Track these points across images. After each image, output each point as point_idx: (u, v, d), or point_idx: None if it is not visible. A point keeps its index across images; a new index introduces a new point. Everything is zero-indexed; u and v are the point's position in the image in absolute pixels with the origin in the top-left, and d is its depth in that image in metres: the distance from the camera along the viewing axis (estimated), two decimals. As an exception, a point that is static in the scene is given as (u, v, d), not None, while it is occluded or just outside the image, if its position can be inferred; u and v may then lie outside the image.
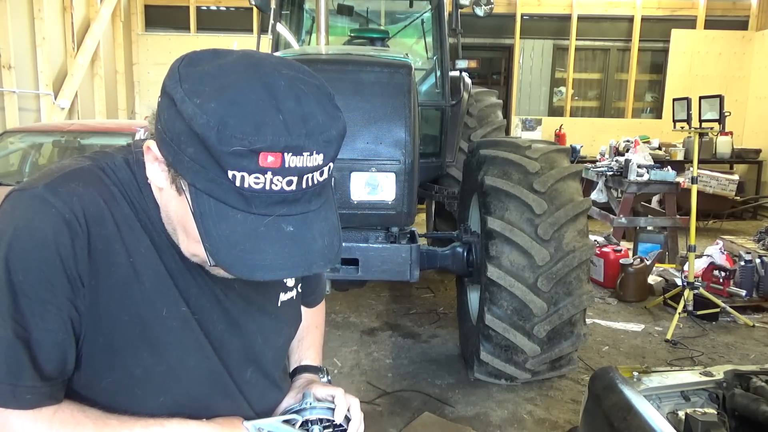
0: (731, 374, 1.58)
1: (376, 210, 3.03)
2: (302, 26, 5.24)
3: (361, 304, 4.74)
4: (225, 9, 9.81)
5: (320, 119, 0.74)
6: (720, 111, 4.25)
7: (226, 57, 0.77)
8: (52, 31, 7.27)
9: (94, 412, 0.83)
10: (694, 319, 4.43)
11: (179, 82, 0.73)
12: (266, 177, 0.71)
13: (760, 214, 8.83)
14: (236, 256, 0.74)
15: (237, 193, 0.72)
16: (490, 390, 3.31)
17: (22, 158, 5.21)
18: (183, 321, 0.87)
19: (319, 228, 0.79)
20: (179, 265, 0.88)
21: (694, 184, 4.47)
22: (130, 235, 0.84)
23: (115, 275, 0.82)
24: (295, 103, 0.73)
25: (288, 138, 0.70)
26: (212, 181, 0.72)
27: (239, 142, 0.69)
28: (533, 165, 3.17)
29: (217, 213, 0.74)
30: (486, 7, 4.40)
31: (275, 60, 0.79)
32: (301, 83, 0.76)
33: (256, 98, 0.71)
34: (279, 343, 1.06)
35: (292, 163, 0.71)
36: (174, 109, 0.72)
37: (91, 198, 0.82)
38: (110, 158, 0.89)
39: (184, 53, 0.80)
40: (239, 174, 0.71)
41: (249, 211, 0.74)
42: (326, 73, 3.00)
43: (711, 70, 9.43)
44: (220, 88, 0.71)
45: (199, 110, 0.70)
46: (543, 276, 2.98)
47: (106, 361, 0.84)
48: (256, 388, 1.00)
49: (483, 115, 4.96)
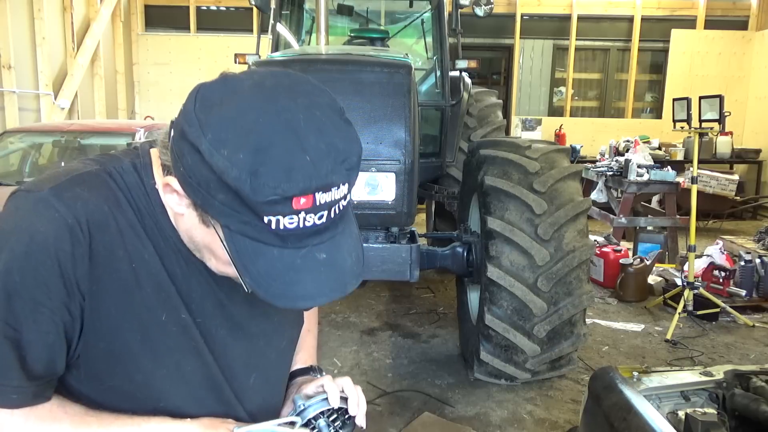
0: (731, 374, 1.58)
1: (376, 210, 3.03)
2: (302, 26, 5.24)
3: (361, 304, 4.74)
4: (225, 9, 9.81)
5: (340, 147, 0.75)
6: (720, 111, 4.25)
7: (239, 90, 0.76)
8: (52, 31, 7.27)
9: (74, 409, 0.83)
10: (694, 319, 4.42)
11: (201, 131, 0.73)
12: (299, 216, 0.73)
13: (760, 214, 8.83)
14: (277, 288, 0.77)
15: (271, 233, 0.74)
16: (490, 390, 3.31)
17: (22, 158, 5.21)
18: (182, 327, 0.88)
19: (346, 246, 0.82)
20: (184, 269, 0.88)
21: (694, 184, 4.47)
22: (133, 242, 0.84)
23: (117, 282, 0.83)
24: (316, 137, 0.74)
25: (317, 180, 0.72)
26: (246, 224, 0.74)
27: (273, 191, 0.70)
28: (533, 165, 3.17)
29: (253, 251, 0.76)
30: (486, 7, 4.40)
31: (286, 83, 0.79)
32: (316, 109, 0.77)
33: (281, 140, 0.72)
34: (282, 344, 1.06)
35: (322, 200, 0.73)
36: (200, 158, 0.73)
37: (96, 204, 0.82)
38: (118, 162, 0.89)
39: (194, 87, 0.79)
40: (274, 218, 0.73)
41: (284, 246, 0.76)
42: (326, 73, 3.00)
43: (711, 70, 9.43)
44: (245, 134, 0.72)
45: (229, 163, 0.70)
46: (543, 276, 2.99)
47: (107, 367, 0.85)
48: (259, 393, 1.00)
49: (483, 115, 4.96)
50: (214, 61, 9.29)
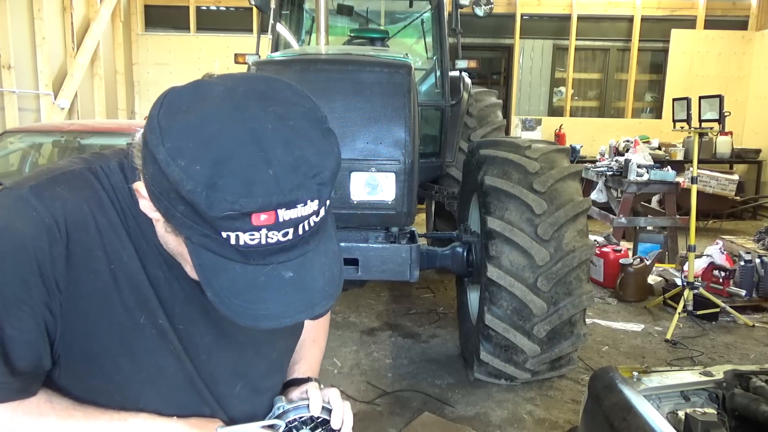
0: (731, 374, 1.58)
1: (376, 210, 3.03)
2: (302, 26, 5.24)
3: (361, 304, 4.74)
4: (225, 9, 9.81)
5: (312, 161, 0.71)
6: (720, 111, 4.25)
7: (208, 96, 0.73)
8: (52, 31, 7.26)
9: (61, 403, 0.83)
10: (694, 319, 4.43)
11: (161, 139, 0.69)
12: (261, 233, 0.69)
13: (759, 214, 8.83)
14: (239, 306, 0.74)
15: (233, 249, 0.71)
16: (490, 390, 3.31)
17: (22, 158, 5.21)
18: (160, 331, 0.86)
19: (319, 265, 0.78)
20: (167, 273, 0.86)
21: (694, 184, 4.47)
22: (113, 243, 0.83)
23: (95, 282, 0.81)
24: (284, 150, 0.69)
25: (279, 195, 0.68)
26: (206, 237, 0.71)
27: (230, 206, 0.66)
28: (533, 165, 3.17)
29: (215, 265, 0.73)
30: (486, 7, 4.41)
31: (260, 90, 0.75)
32: (290, 119, 0.72)
33: (244, 152, 0.68)
34: (273, 355, 1.02)
35: (286, 217, 0.69)
36: (158, 168, 0.69)
37: (75, 203, 0.81)
38: (105, 161, 0.87)
39: (165, 90, 0.76)
40: (233, 234, 0.69)
41: (247, 262, 0.73)
42: (326, 73, 3.00)
43: (711, 70, 9.42)
44: (204, 143, 0.68)
45: (184, 175, 0.67)
46: (543, 276, 2.99)
47: (86, 366, 0.84)
48: (247, 403, 0.98)
49: (483, 115, 4.96)
50: (213, 61, 9.29)
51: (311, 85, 2.95)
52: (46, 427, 0.81)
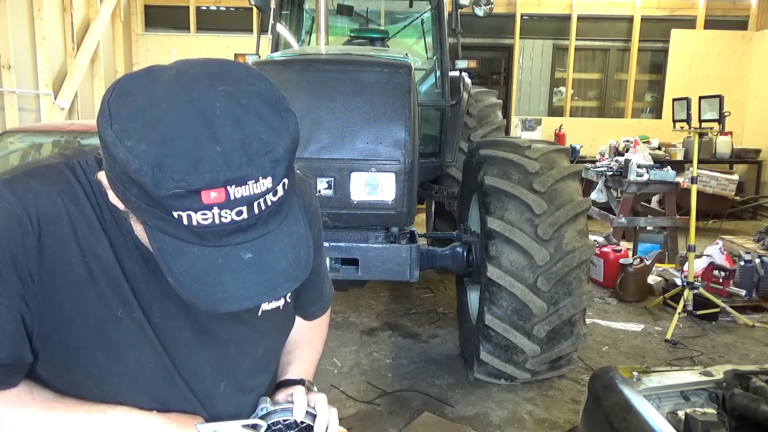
0: (731, 374, 1.58)
1: (376, 210, 3.03)
2: (302, 26, 5.24)
3: (361, 304, 4.74)
4: (225, 9, 9.80)
5: (264, 138, 0.70)
6: (720, 111, 4.25)
7: (159, 79, 0.72)
8: (52, 31, 7.26)
9: (42, 395, 0.83)
10: (693, 319, 4.43)
11: (110, 122, 0.70)
12: (213, 212, 0.68)
13: (759, 214, 8.83)
14: (199, 289, 0.73)
15: (188, 230, 0.70)
16: (490, 390, 3.31)
17: (22, 158, 5.20)
18: (137, 325, 0.86)
19: (281, 247, 0.77)
20: (143, 268, 0.85)
21: (694, 184, 4.47)
22: (87, 236, 0.82)
23: (69, 275, 0.81)
24: (232, 127, 0.68)
25: (227, 171, 0.67)
26: (161, 220, 0.71)
27: (176, 184, 0.66)
28: (533, 165, 3.18)
29: (173, 249, 0.73)
30: (486, 7, 4.41)
31: (214, 72, 0.74)
32: (241, 97, 0.71)
33: (190, 130, 0.67)
34: (257, 353, 1.01)
35: (237, 194, 0.68)
36: (108, 151, 0.70)
37: (48, 196, 0.80)
38: (83, 157, 0.87)
39: (120, 77, 0.76)
40: (184, 213, 0.68)
41: (204, 244, 0.72)
42: (326, 73, 3.01)
43: (711, 70, 9.42)
44: (152, 123, 0.68)
45: (130, 155, 0.67)
46: (543, 276, 2.99)
47: (63, 359, 0.84)
48: (231, 402, 0.97)
49: (483, 115, 4.96)
50: (213, 61, 9.28)
51: (311, 85, 2.96)
52: (27, 419, 0.81)
